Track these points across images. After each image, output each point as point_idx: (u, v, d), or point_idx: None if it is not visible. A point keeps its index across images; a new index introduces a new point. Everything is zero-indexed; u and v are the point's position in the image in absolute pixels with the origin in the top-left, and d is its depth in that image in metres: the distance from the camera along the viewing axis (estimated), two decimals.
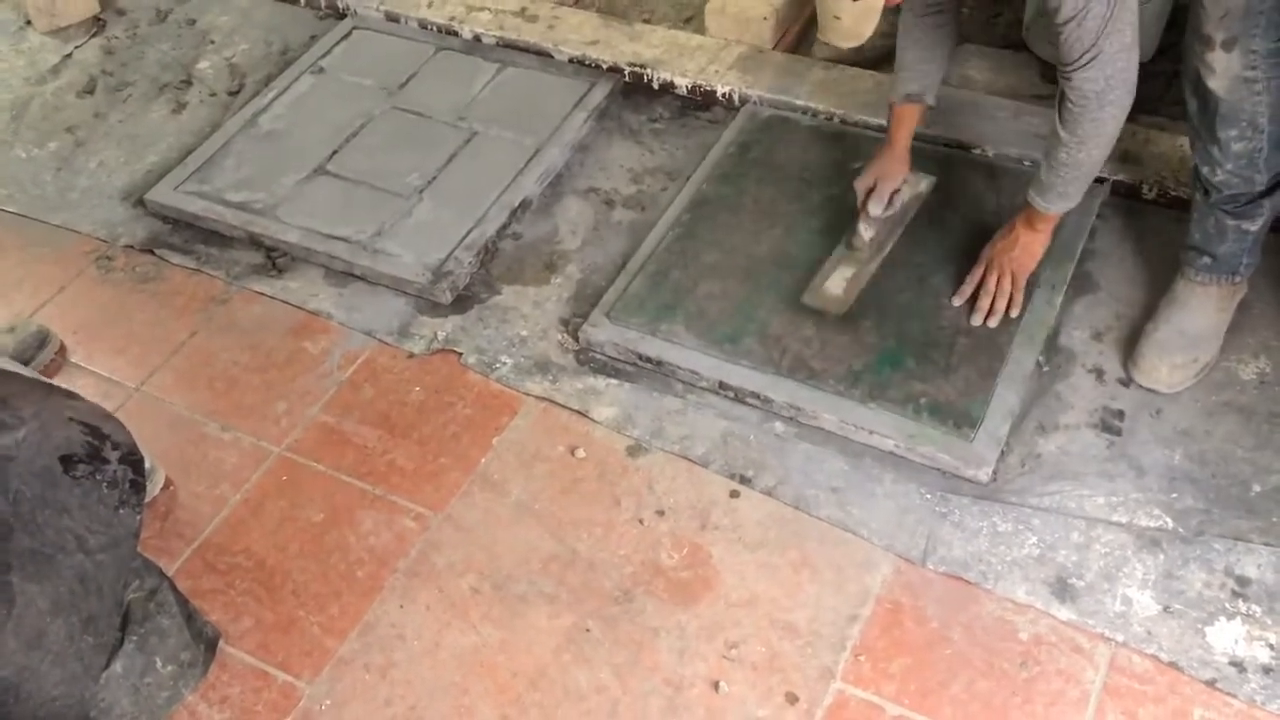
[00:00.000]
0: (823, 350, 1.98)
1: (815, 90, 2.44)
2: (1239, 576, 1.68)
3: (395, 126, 2.55)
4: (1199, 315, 1.91)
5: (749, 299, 2.08)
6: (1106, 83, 1.63)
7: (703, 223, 2.23)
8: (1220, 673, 1.59)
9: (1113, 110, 1.67)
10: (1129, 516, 1.76)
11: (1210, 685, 1.58)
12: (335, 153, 2.50)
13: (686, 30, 2.66)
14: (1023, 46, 2.49)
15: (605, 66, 2.58)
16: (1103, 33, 1.57)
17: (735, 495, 1.85)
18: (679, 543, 1.81)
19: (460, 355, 2.11)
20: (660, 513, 1.85)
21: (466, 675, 1.69)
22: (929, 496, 1.81)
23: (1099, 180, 2.08)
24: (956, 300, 2.00)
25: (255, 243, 2.36)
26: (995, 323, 1.96)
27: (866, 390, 1.92)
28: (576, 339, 2.10)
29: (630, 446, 1.94)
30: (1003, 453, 1.84)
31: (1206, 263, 1.88)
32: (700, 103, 2.53)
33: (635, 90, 2.57)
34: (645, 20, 2.72)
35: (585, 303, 2.16)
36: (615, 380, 2.04)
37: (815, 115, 2.42)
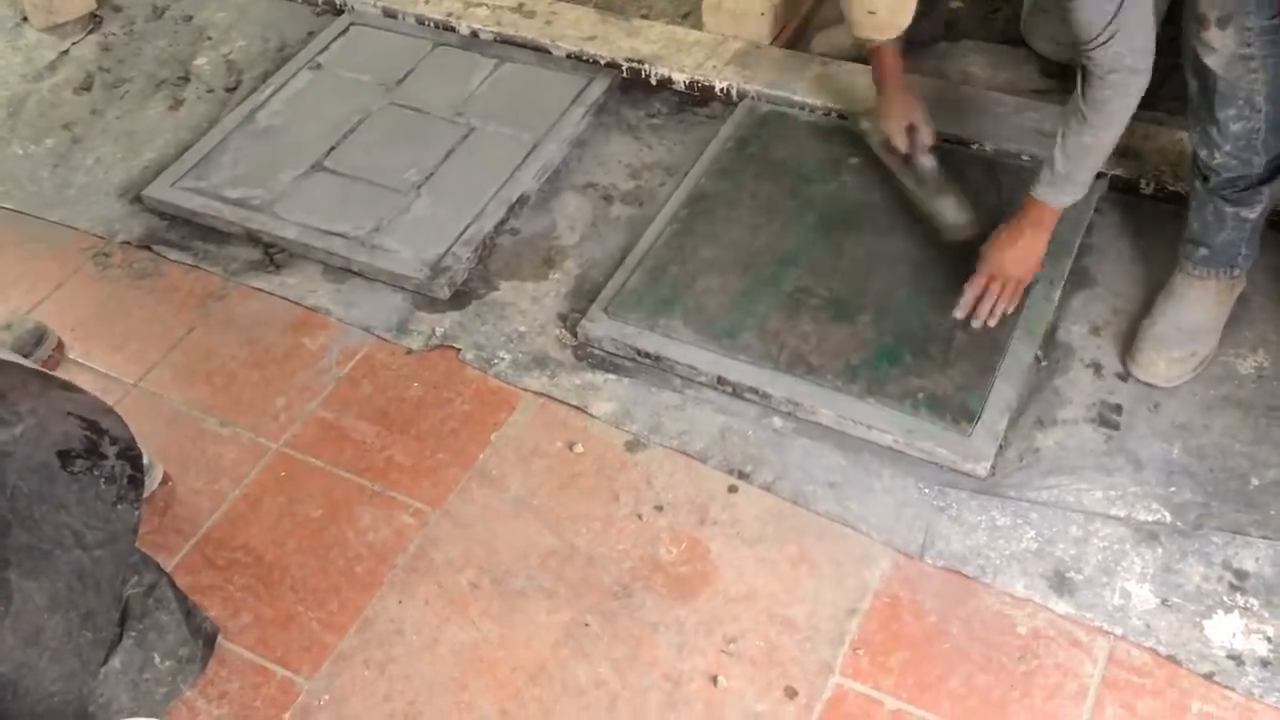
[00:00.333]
0: (820, 345, 1.98)
1: (813, 85, 2.44)
2: (1237, 570, 1.68)
3: (393, 122, 2.54)
4: (1197, 309, 1.91)
5: (747, 294, 2.08)
6: (1132, 55, 1.62)
7: (701, 218, 2.22)
8: (1218, 666, 1.59)
9: (1140, 82, 1.65)
10: (1127, 510, 1.76)
11: (1208, 678, 1.58)
12: (333, 149, 2.49)
13: (684, 25, 2.65)
14: (1021, 42, 2.49)
15: (603, 62, 2.58)
16: (1122, 4, 1.56)
17: (733, 490, 1.85)
18: (677, 538, 1.81)
19: (458, 351, 2.11)
20: (659, 508, 1.85)
21: (465, 670, 1.69)
22: (927, 491, 1.81)
23: (1097, 175, 2.07)
24: (959, 313, 1.94)
25: (253, 239, 2.36)
26: (995, 322, 1.96)
27: (865, 385, 1.92)
28: (574, 334, 2.10)
29: (629, 442, 1.94)
30: (1001, 447, 1.84)
31: (1204, 254, 1.88)
32: (698, 98, 2.52)
33: (633, 86, 2.57)
34: (643, 15, 2.71)
35: (583, 298, 2.16)
36: (613, 375, 2.03)
37: (813, 110, 2.41)
